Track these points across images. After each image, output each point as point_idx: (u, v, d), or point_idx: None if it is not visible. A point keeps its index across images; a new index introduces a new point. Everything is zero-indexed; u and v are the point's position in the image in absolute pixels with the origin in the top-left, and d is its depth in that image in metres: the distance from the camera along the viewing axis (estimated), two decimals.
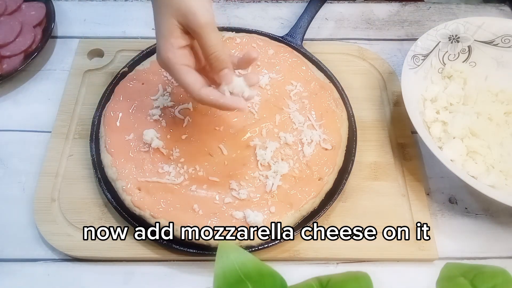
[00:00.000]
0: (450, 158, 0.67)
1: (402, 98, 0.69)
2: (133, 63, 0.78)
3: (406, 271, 0.64)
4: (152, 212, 0.62)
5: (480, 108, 0.73)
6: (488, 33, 0.77)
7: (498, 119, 0.72)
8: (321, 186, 0.66)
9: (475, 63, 0.79)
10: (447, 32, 0.77)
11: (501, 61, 0.78)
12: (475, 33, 0.78)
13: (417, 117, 0.68)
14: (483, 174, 0.66)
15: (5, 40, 0.80)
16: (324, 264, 0.64)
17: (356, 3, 0.96)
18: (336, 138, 0.70)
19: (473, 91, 0.75)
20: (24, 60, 0.79)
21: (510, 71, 0.77)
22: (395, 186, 0.70)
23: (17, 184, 0.70)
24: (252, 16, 0.92)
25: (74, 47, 0.84)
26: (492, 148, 0.69)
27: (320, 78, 0.77)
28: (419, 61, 0.75)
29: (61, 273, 0.62)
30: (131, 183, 0.64)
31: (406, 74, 0.72)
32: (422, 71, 0.76)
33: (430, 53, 0.77)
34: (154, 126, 0.69)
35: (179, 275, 0.63)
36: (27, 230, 0.65)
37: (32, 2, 0.86)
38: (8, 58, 0.79)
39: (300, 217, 0.64)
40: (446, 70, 0.78)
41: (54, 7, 0.86)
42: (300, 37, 0.83)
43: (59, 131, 0.73)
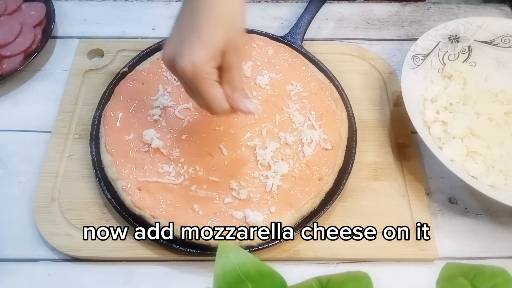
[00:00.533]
0: (450, 158, 0.67)
1: (402, 98, 0.69)
2: (133, 63, 0.78)
3: (406, 271, 0.64)
4: (152, 212, 0.62)
5: (480, 108, 0.73)
6: (488, 33, 0.77)
7: (498, 119, 0.72)
8: (321, 186, 0.66)
9: (475, 63, 0.79)
10: (447, 32, 0.77)
11: (501, 61, 0.78)
12: (475, 33, 0.78)
13: (417, 117, 0.68)
14: (483, 174, 0.66)
15: (5, 40, 0.80)
16: (324, 264, 0.64)
17: (356, 3, 0.96)
18: (336, 138, 0.70)
19: (473, 91, 0.75)
20: (24, 60, 0.79)
21: (510, 71, 0.77)
22: (395, 186, 0.70)
23: (17, 184, 0.70)
24: (252, 16, 0.92)
25: (74, 47, 0.84)
26: (492, 148, 0.69)
27: (320, 78, 0.77)
28: (419, 61, 0.75)
29: (61, 273, 0.62)
30: (131, 183, 0.64)
31: (406, 74, 0.72)
32: (422, 71, 0.76)
33: (430, 53, 0.76)
34: (154, 126, 0.70)
35: (179, 275, 0.63)
36: (27, 230, 0.65)
37: (32, 2, 0.86)
38: (8, 58, 0.79)
39: (300, 217, 0.64)
40: (446, 70, 0.78)
41: (54, 7, 0.85)
42: (300, 37, 0.83)
43: (59, 131, 0.73)
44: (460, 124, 0.70)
